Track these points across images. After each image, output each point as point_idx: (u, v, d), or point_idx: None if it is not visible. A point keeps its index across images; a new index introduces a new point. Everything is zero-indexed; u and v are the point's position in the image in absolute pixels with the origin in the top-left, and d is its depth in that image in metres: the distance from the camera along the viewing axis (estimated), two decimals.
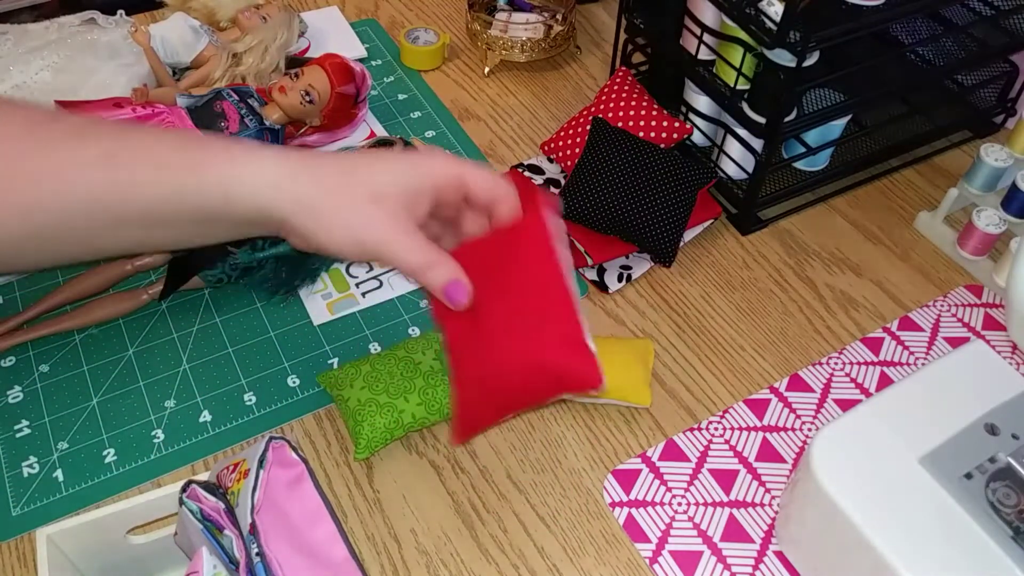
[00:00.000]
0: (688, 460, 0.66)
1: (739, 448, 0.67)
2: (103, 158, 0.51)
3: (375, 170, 0.52)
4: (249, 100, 0.81)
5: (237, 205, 0.52)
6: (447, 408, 0.66)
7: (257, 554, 0.47)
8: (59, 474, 0.64)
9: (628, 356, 0.70)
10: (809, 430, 0.69)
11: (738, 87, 0.79)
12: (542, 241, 0.55)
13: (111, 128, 0.53)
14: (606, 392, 0.69)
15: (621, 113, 0.84)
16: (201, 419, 0.68)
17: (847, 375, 0.72)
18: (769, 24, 0.71)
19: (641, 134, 0.82)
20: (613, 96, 0.85)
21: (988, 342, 0.65)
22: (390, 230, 0.52)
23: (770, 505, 0.64)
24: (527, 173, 0.85)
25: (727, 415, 0.69)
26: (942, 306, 0.78)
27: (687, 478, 0.65)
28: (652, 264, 0.80)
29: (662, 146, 0.80)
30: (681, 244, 0.80)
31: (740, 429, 0.68)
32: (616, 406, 0.70)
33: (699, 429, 0.68)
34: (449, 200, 0.54)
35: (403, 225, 0.52)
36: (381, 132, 0.92)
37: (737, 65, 0.77)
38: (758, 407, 0.70)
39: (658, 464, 0.66)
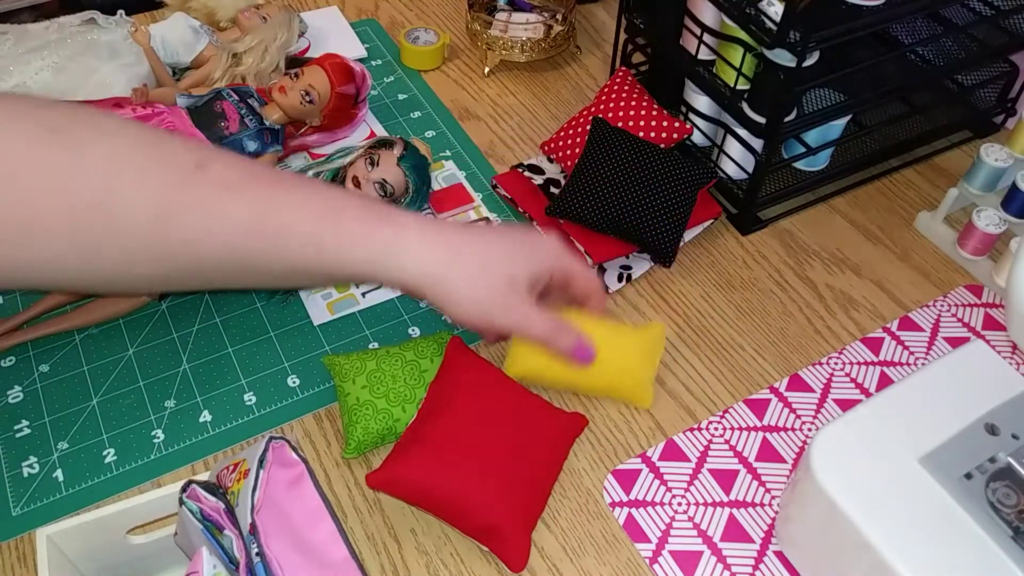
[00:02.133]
0: (688, 460, 0.66)
1: (739, 448, 0.67)
2: (251, 223, 0.53)
3: (508, 261, 0.59)
4: (249, 100, 0.81)
5: (378, 278, 0.57)
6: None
7: (257, 554, 0.47)
8: (59, 474, 0.64)
9: (636, 352, 0.68)
10: (809, 430, 0.69)
11: (738, 87, 0.79)
12: (569, 438, 0.66)
13: (260, 184, 0.54)
14: (608, 392, 0.69)
15: (621, 113, 0.84)
16: (201, 419, 0.68)
17: (847, 375, 0.72)
18: (769, 24, 0.71)
19: (641, 134, 0.82)
20: (613, 96, 0.85)
21: (988, 342, 0.65)
22: (519, 311, 0.59)
23: (770, 505, 0.64)
24: (527, 173, 0.85)
25: (727, 415, 0.69)
26: (942, 306, 0.78)
27: (687, 478, 0.65)
28: (652, 264, 0.80)
29: (662, 146, 0.80)
30: (681, 244, 0.80)
31: (740, 429, 0.68)
32: (616, 403, 0.70)
33: (699, 429, 0.68)
34: (553, 284, 0.63)
35: (528, 302, 0.59)
36: (381, 132, 0.92)
37: (737, 65, 0.77)
38: (758, 407, 0.70)
39: (658, 464, 0.66)
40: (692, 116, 0.87)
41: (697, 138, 0.89)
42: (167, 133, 0.55)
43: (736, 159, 0.85)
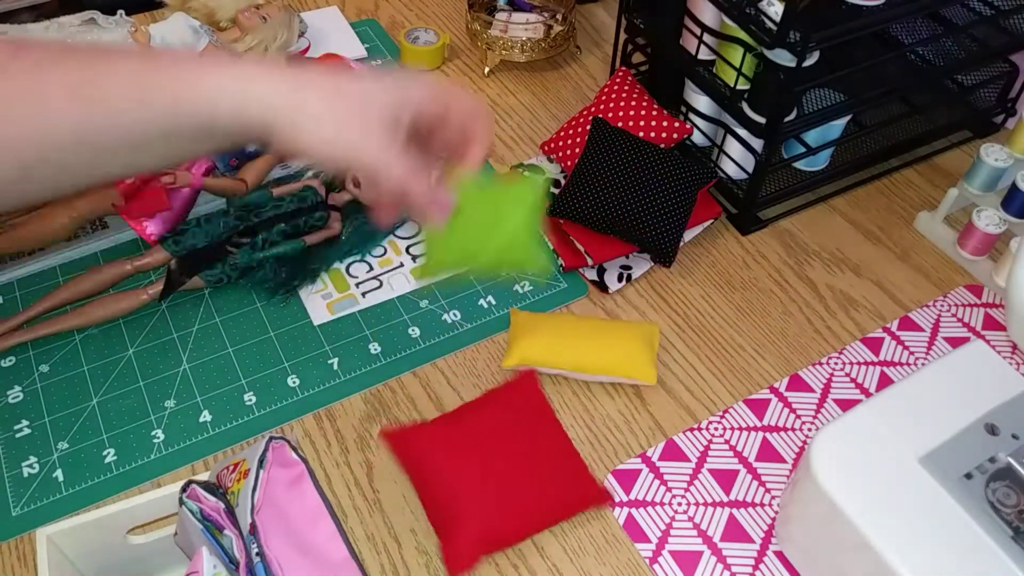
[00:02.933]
0: (688, 460, 0.66)
1: (739, 448, 0.67)
2: (77, 86, 0.50)
3: (359, 89, 0.53)
4: None
5: (220, 121, 0.51)
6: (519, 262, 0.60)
7: (257, 554, 0.47)
8: (59, 474, 0.64)
9: (633, 336, 0.70)
10: (809, 430, 0.69)
11: (738, 87, 0.79)
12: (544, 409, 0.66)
13: (80, 54, 0.52)
14: (610, 370, 0.69)
15: (621, 113, 0.84)
16: (201, 419, 0.68)
17: (847, 375, 0.72)
18: (769, 24, 0.71)
19: (641, 134, 0.82)
20: (613, 96, 0.85)
21: (988, 342, 0.65)
22: (377, 139, 0.52)
23: (770, 505, 0.64)
24: (527, 173, 0.85)
25: (727, 415, 0.69)
26: (942, 306, 0.78)
27: (687, 478, 0.65)
28: (652, 264, 0.80)
29: (662, 146, 0.80)
30: (681, 244, 0.80)
31: (740, 429, 0.68)
32: (621, 385, 0.71)
33: (699, 429, 0.68)
34: (426, 125, 0.55)
35: (389, 136, 0.53)
36: None
37: (737, 65, 0.77)
38: (758, 407, 0.70)
39: (658, 464, 0.66)
40: (692, 116, 0.87)
41: (697, 138, 0.89)
42: None
43: (736, 159, 0.85)
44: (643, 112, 0.83)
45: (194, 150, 0.55)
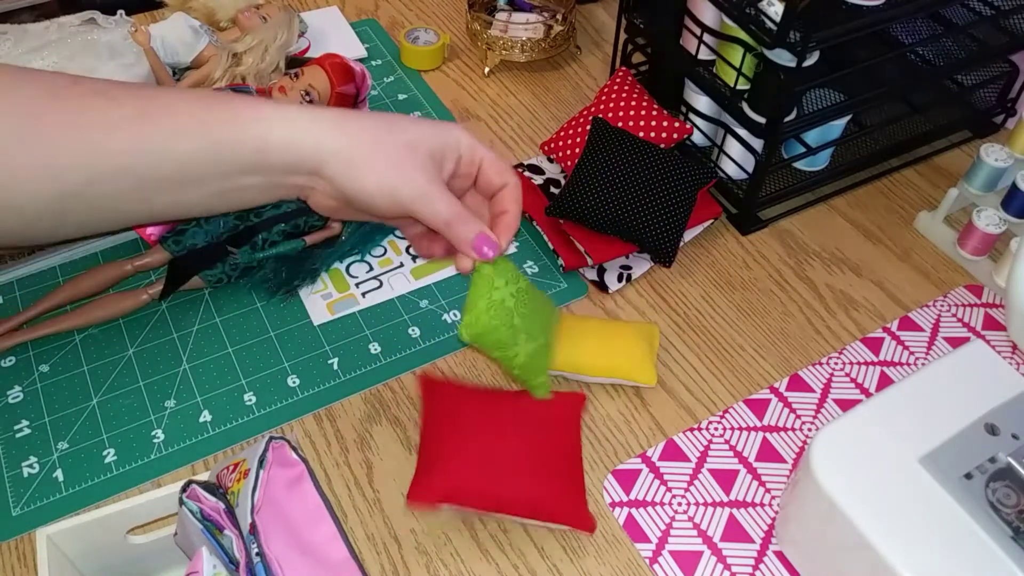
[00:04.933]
0: (688, 460, 0.66)
1: (739, 448, 0.67)
2: (134, 116, 0.49)
3: (407, 127, 0.54)
4: None
5: (272, 154, 0.51)
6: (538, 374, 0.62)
7: (257, 554, 0.47)
8: (59, 474, 0.64)
9: (633, 337, 0.70)
10: (809, 430, 0.69)
11: (738, 87, 0.79)
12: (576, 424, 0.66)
13: (137, 88, 0.52)
14: (610, 372, 0.69)
15: (621, 113, 0.84)
16: (201, 419, 0.68)
17: (847, 375, 0.72)
18: (769, 24, 0.71)
19: (641, 134, 0.82)
20: (613, 96, 0.85)
21: (988, 342, 0.65)
22: (423, 181, 0.52)
23: (770, 505, 0.64)
24: (527, 173, 0.85)
25: (727, 415, 0.69)
26: (942, 306, 0.78)
27: (687, 478, 0.65)
28: (652, 264, 0.80)
29: (662, 146, 0.80)
30: (681, 244, 0.80)
31: (740, 429, 0.68)
32: (621, 385, 0.70)
33: (699, 429, 0.68)
34: (462, 173, 0.56)
35: (434, 178, 0.53)
36: None
37: (737, 65, 0.77)
38: (758, 407, 0.70)
39: (658, 464, 0.66)
40: (692, 116, 0.87)
41: (697, 138, 0.89)
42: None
43: (736, 159, 0.85)
44: (643, 112, 0.83)
45: (241, 191, 0.54)
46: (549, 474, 0.61)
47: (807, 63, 0.74)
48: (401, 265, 0.79)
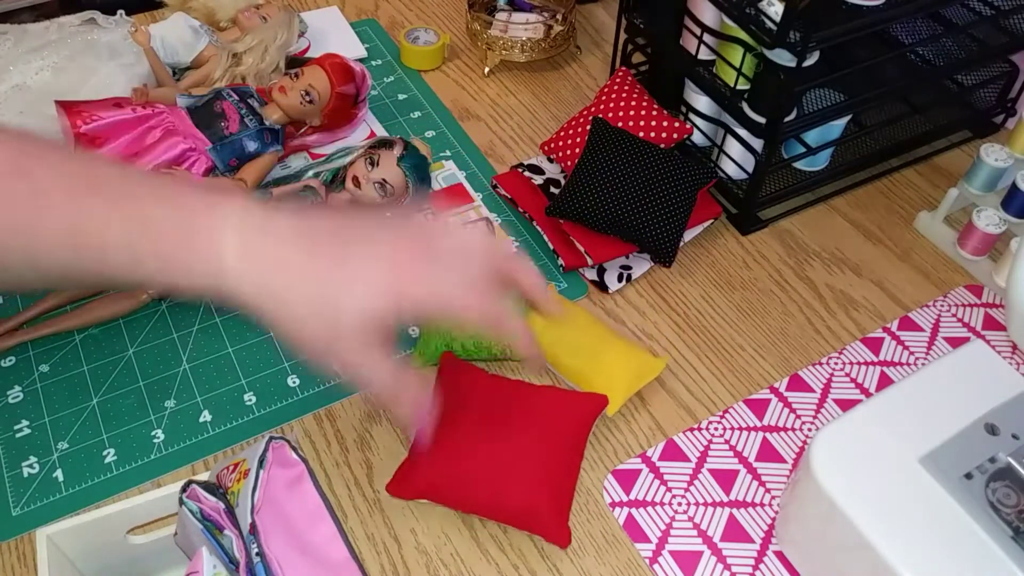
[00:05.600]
0: (688, 460, 0.66)
1: (739, 448, 0.67)
2: (67, 234, 0.49)
3: (352, 274, 0.49)
4: (249, 100, 0.81)
5: (196, 285, 0.50)
6: (494, 351, 0.69)
7: (257, 554, 0.47)
8: (59, 474, 0.64)
9: (625, 363, 0.69)
10: (809, 430, 0.69)
11: (738, 87, 0.79)
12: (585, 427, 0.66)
13: (72, 193, 0.50)
14: (576, 378, 0.69)
15: (621, 113, 0.84)
16: (201, 419, 0.68)
17: (847, 375, 0.72)
18: (769, 24, 0.71)
19: (641, 134, 0.82)
20: (613, 96, 0.85)
21: (988, 342, 0.65)
22: (355, 351, 0.49)
23: (770, 505, 0.64)
24: (527, 173, 0.85)
25: (727, 415, 0.69)
26: (942, 306, 0.78)
27: (687, 478, 0.65)
28: (652, 264, 0.80)
29: (662, 146, 0.80)
30: (681, 244, 0.80)
31: (740, 429, 0.68)
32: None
33: (699, 429, 0.68)
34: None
35: (369, 343, 0.49)
36: (381, 132, 0.92)
37: (737, 65, 0.77)
38: (758, 407, 0.70)
39: (658, 464, 0.66)
40: (692, 116, 0.87)
41: (697, 138, 0.89)
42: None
43: (736, 159, 0.85)
44: (643, 112, 0.83)
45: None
46: (539, 480, 0.61)
47: (807, 63, 0.74)
48: None
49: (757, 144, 0.79)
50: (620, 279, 0.78)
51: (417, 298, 0.50)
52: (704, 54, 0.82)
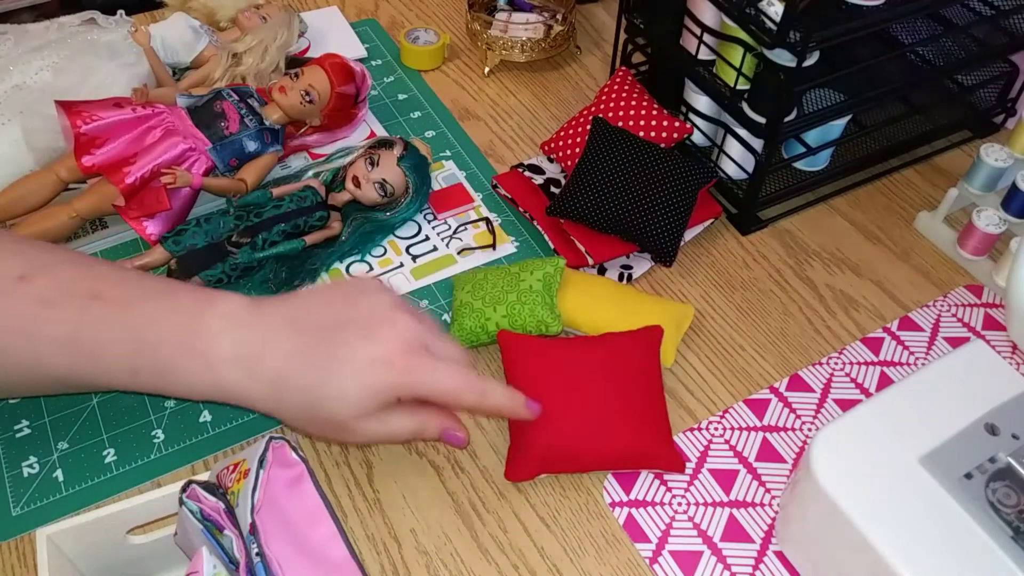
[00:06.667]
0: (688, 460, 0.66)
1: (739, 448, 0.67)
2: (68, 343, 0.54)
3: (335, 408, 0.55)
4: (249, 100, 0.81)
5: (195, 393, 0.56)
6: (528, 327, 0.69)
7: (257, 554, 0.47)
8: (59, 474, 0.64)
9: (661, 316, 0.71)
10: (809, 430, 0.69)
11: (738, 87, 0.79)
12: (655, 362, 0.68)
13: (76, 303, 0.55)
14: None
15: (621, 113, 0.84)
16: (201, 419, 0.68)
17: (847, 375, 0.72)
18: (769, 24, 0.71)
19: (641, 134, 0.82)
20: (613, 96, 0.85)
21: (988, 342, 0.65)
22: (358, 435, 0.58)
23: (770, 505, 0.64)
24: (527, 173, 0.85)
25: (727, 415, 0.69)
26: (942, 306, 0.78)
27: (687, 478, 0.65)
28: (652, 264, 0.80)
29: (662, 146, 0.80)
30: (681, 244, 0.80)
31: (740, 429, 0.68)
32: None
33: (699, 429, 0.68)
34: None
35: (369, 422, 0.57)
36: (381, 132, 0.92)
37: (737, 65, 0.77)
38: (758, 407, 0.70)
39: None
40: (692, 116, 0.87)
41: (697, 138, 0.89)
42: (4, 237, 0.57)
43: (736, 159, 0.85)
44: (643, 112, 0.83)
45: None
46: (639, 419, 0.64)
47: (807, 63, 0.74)
48: (401, 265, 0.79)
49: (757, 144, 0.79)
50: (620, 279, 0.78)
51: (411, 387, 0.56)
52: (704, 54, 0.82)
